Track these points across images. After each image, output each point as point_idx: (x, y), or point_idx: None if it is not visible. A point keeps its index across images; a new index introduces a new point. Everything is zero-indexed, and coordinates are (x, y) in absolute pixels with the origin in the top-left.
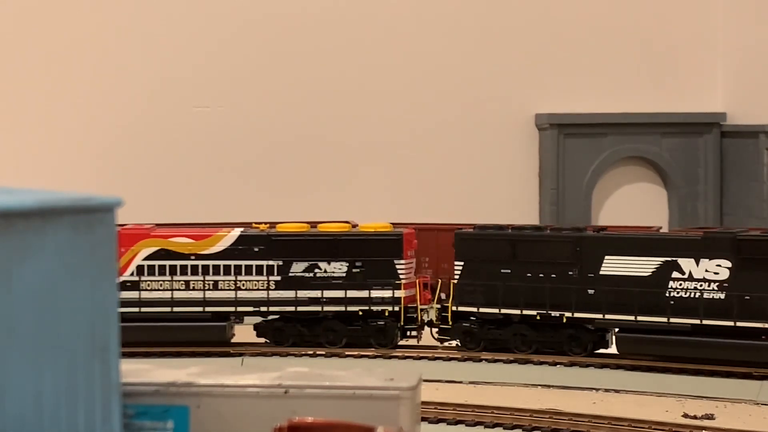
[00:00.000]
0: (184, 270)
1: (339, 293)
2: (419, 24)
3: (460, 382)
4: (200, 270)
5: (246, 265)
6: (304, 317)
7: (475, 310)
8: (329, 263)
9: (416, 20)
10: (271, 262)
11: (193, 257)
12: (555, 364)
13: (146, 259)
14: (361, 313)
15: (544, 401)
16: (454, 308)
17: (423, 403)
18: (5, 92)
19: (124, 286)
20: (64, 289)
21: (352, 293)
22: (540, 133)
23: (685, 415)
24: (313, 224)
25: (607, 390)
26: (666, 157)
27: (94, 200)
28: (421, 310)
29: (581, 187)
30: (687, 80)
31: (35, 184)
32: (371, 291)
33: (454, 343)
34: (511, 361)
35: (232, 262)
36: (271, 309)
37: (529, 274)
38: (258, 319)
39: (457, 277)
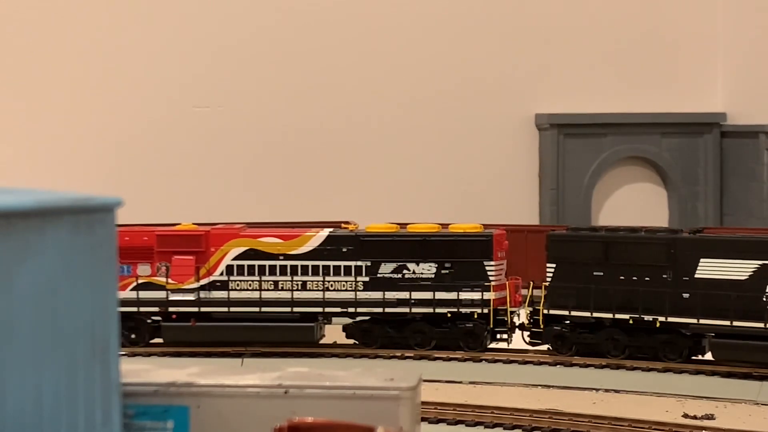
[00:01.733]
0: (272, 270)
1: (427, 295)
2: (420, 25)
3: (460, 382)
4: (289, 270)
5: (334, 266)
6: (392, 319)
7: (566, 313)
8: (418, 264)
9: (417, 21)
10: (359, 263)
11: (281, 257)
12: (555, 364)
13: (235, 258)
14: (449, 315)
15: (544, 401)
16: (545, 311)
17: (423, 403)
18: (5, 93)
19: (214, 285)
20: (64, 289)
21: (440, 295)
22: (540, 133)
23: (685, 415)
24: (403, 225)
25: (607, 390)
26: (666, 157)
27: (94, 200)
28: (512, 312)
29: (581, 187)
30: (687, 80)
31: (35, 184)
32: (460, 293)
33: (545, 347)
34: (510, 361)
35: (321, 263)
36: (359, 310)
37: (621, 277)
38: (346, 320)
39: (549, 279)
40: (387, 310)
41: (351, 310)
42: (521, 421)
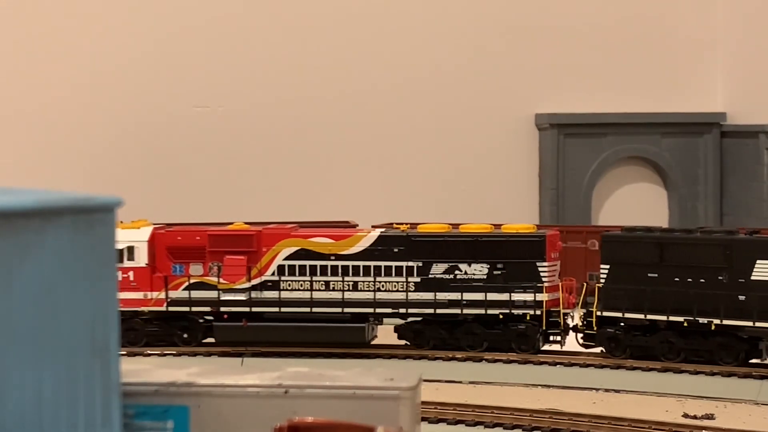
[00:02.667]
0: (323, 270)
1: (479, 296)
2: (420, 25)
3: (460, 382)
4: (340, 270)
5: (385, 266)
6: (444, 320)
7: (620, 315)
8: (470, 265)
9: (417, 21)
10: (410, 263)
11: (332, 257)
12: (555, 364)
13: (287, 259)
14: (501, 316)
15: (544, 401)
16: (599, 313)
17: (423, 403)
18: (5, 92)
19: (265, 285)
20: (64, 289)
21: (492, 296)
22: (540, 133)
23: (685, 415)
24: (455, 225)
25: (607, 390)
26: (666, 157)
27: (94, 200)
28: (565, 314)
29: (581, 187)
30: (687, 80)
31: (35, 184)
32: (512, 294)
33: (598, 349)
34: (510, 361)
35: (372, 263)
36: (410, 311)
37: (676, 279)
38: (396, 321)
39: (602, 280)
40: (438, 311)
41: (402, 311)
42: (521, 421)
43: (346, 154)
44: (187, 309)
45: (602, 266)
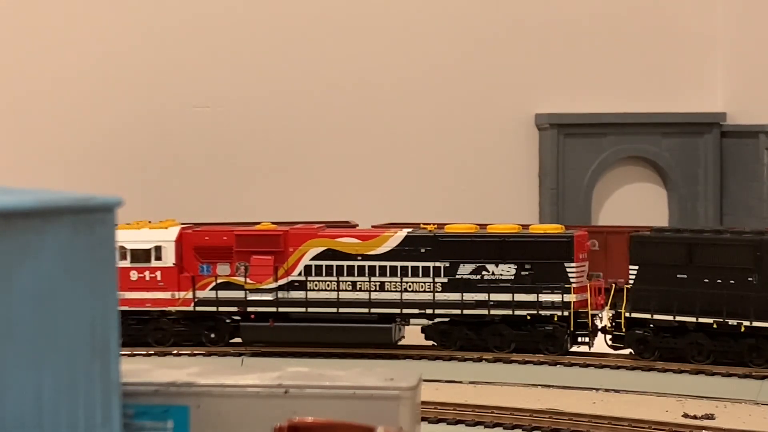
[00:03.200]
0: (350, 270)
1: (506, 296)
2: (419, 24)
3: (460, 382)
4: (366, 271)
5: (412, 267)
6: (471, 320)
7: (649, 316)
8: (497, 265)
9: (416, 20)
10: (437, 264)
11: (359, 258)
12: (555, 364)
13: (314, 259)
14: (529, 317)
15: (544, 401)
16: (627, 314)
17: (423, 403)
18: (5, 91)
19: (292, 286)
20: (64, 289)
21: (519, 297)
22: (540, 133)
23: (685, 415)
24: (483, 225)
25: (607, 390)
26: (666, 157)
27: (94, 200)
28: (593, 315)
29: (581, 187)
30: (687, 80)
31: (35, 184)
32: (540, 295)
33: (627, 351)
34: (510, 361)
35: (399, 263)
36: (437, 312)
37: (706, 280)
38: (423, 322)
39: (631, 281)
40: (465, 311)
41: (429, 311)
42: (521, 421)
43: (346, 153)
44: (214, 309)
45: (631, 267)
